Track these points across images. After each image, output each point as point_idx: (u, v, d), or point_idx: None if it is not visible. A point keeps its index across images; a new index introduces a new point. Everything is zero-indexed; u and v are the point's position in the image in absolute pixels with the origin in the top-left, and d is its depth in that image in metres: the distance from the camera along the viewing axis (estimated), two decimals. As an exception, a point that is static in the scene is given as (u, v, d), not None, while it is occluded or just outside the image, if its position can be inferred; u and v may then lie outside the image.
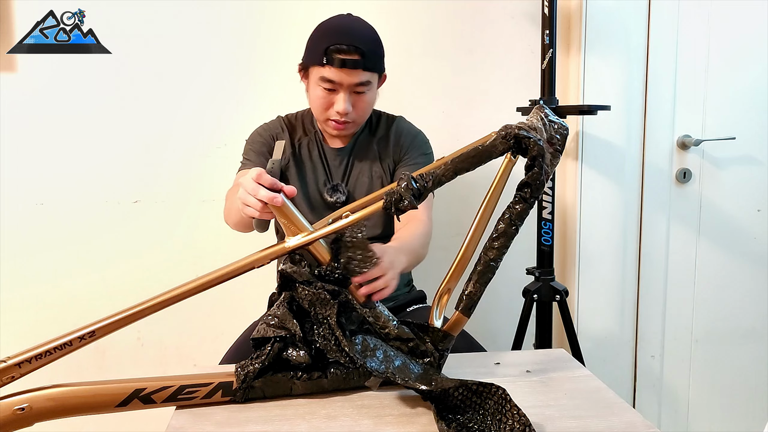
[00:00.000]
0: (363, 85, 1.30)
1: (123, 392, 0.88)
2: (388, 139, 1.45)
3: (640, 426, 0.87)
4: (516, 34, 1.83)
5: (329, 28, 1.30)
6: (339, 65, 1.25)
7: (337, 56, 1.25)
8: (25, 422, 0.84)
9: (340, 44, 1.25)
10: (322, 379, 0.96)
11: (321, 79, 1.28)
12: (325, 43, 1.26)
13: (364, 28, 1.32)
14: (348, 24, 1.31)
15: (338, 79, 1.27)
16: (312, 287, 0.94)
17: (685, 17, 1.86)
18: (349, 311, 0.96)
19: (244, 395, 0.93)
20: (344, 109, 1.29)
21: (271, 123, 1.47)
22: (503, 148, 0.96)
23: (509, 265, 1.82)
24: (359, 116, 1.35)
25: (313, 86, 1.32)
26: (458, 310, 1.00)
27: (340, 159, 1.42)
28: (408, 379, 0.92)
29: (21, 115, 1.68)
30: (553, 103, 1.65)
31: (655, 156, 1.90)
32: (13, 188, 1.70)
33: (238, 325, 1.41)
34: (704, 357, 2.01)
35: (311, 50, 1.31)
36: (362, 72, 1.27)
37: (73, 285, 1.74)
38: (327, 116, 1.33)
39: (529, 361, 1.13)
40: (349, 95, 1.30)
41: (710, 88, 1.90)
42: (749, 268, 1.99)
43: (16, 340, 1.72)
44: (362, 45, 1.26)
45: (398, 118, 1.50)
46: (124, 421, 1.80)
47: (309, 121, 1.46)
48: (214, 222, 1.78)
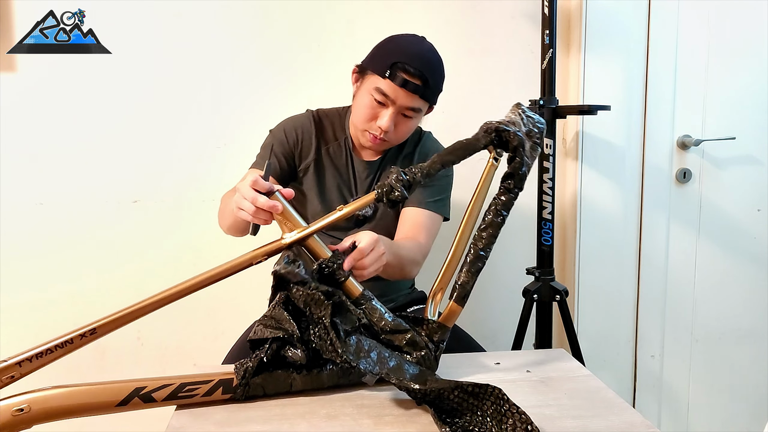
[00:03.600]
0: (413, 110, 1.28)
1: (123, 391, 0.88)
2: (413, 158, 1.42)
3: (640, 426, 0.87)
4: (516, 34, 1.83)
5: (403, 46, 1.27)
6: (400, 84, 1.23)
7: (402, 75, 1.23)
8: (24, 424, 0.83)
9: (409, 65, 1.23)
10: (322, 374, 0.96)
11: (376, 89, 1.25)
12: (395, 58, 1.23)
13: (435, 58, 1.29)
14: (422, 48, 1.28)
15: (393, 95, 1.24)
16: (306, 288, 0.94)
17: (685, 17, 1.86)
18: (344, 312, 0.96)
19: (245, 392, 0.93)
20: (387, 126, 1.26)
21: (299, 118, 1.41)
22: (486, 141, 1.03)
23: (509, 265, 1.83)
24: (397, 138, 1.33)
25: (364, 93, 1.29)
26: (452, 299, 1.02)
27: (368, 172, 1.39)
28: (402, 379, 0.92)
29: (21, 115, 1.68)
30: (553, 103, 1.65)
31: (655, 156, 1.90)
32: (13, 188, 1.70)
33: (238, 325, 1.41)
34: (704, 357, 2.01)
35: (377, 59, 1.28)
36: (419, 99, 1.26)
37: (73, 285, 1.74)
38: (368, 127, 1.29)
39: (529, 361, 1.13)
40: (396, 115, 1.27)
41: (710, 88, 1.90)
42: (749, 268, 1.99)
43: (15, 340, 1.72)
44: (429, 74, 1.24)
45: (426, 135, 1.46)
46: (125, 422, 1.80)
47: (339, 125, 1.41)
48: (214, 222, 1.77)
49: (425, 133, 1.47)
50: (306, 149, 1.37)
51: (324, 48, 1.77)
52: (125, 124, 1.72)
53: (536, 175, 1.69)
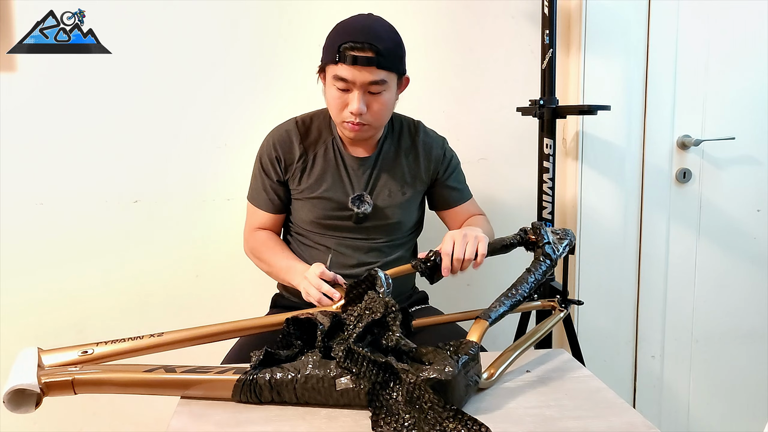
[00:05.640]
0: (377, 84, 1.24)
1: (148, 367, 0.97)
2: (416, 153, 1.41)
3: (640, 426, 0.87)
4: (516, 34, 1.83)
5: (345, 26, 1.27)
6: (351, 62, 1.21)
7: (350, 53, 1.21)
8: (70, 389, 0.93)
9: (353, 41, 1.21)
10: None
11: (335, 77, 1.24)
12: (339, 41, 1.22)
13: (381, 26, 1.28)
14: (364, 22, 1.27)
15: (351, 77, 1.22)
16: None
17: (685, 17, 1.86)
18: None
19: (253, 380, 0.93)
20: (357, 108, 1.24)
21: (283, 132, 1.40)
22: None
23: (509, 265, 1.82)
24: (375, 119, 1.29)
25: (328, 86, 1.28)
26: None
27: (363, 169, 1.38)
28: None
29: (21, 114, 1.68)
30: (553, 103, 1.65)
31: (655, 156, 1.90)
32: (13, 188, 1.69)
33: (238, 325, 1.41)
34: (704, 357, 2.01)
35: (327, 49, 1.28)
36: (376, 70, 1.22)
37: (73, 285, 1.74)
38: (342, 117, 1.28)
39: (529, 361, 1.13)
40: (364, 95, 1.25)
41: (710, 88, 1.90)
42: (749, 268, 1.99)
43: (15, 340, 1.72)
44: (377, 42, 1.21)
45: (420, 127, 1.46)
46: (125, 422, 1.80)
47: (326, 126, 1.40)
48: (214, 222, 1.78)
49: (420, 125, 1.46)
50: (294, 161, 1.37)
51: (324, 48, 1.76)
52: (125, 124, 1.72)
53: (536, 175, 1.69)
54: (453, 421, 0.85)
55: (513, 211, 1.88)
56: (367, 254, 1.38)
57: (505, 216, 1.86)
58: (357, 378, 0.91)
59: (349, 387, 0.91)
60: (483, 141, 1.86)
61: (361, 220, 1.38)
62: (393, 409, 0.88)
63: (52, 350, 1.00)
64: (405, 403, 0.88)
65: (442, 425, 0.85)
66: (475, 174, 1.80)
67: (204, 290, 1.79)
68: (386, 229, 1.40)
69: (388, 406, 0.89)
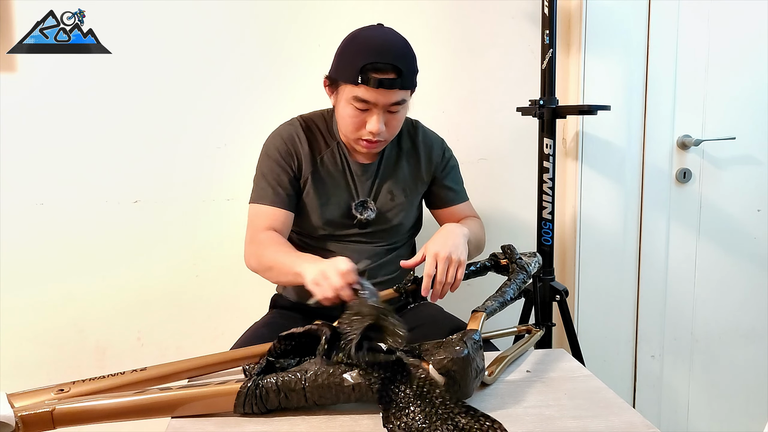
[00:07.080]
0: (398, 104, 1.23)
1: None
2: (417, 155, 1.41)
3: (640, 426, 0.87)
4: (516, 34, 1.83)
5: (365, 45, 1.21)
6: (375, 85, 1.17)
7: (374, 76, 1.16)
8: (50, 424, 0.83)
9: (376, 62, 1.16)
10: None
11: (354, 98, 1.20)
12: (361, 61, 1.17)
13: (400, 43, 1.23)
14: (383, 38, 1.22)
15: (374, 99, 1.19)
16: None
17: (685, 17, 1.86)
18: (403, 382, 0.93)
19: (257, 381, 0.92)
20: (378, 129, 1.22)
21: (287, 132, 1.36)
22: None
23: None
24: (391, 135, 1.29)
25: (343, 105, 1.24)
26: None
27: (367, 176, 1.37)
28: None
29: (21, 115, 1.68)
30: (553, 103, 1.65)
31: (655, 156, 1.90)
32: (13, 188, 1.70)
33: (238, 326, 1.41)
34: (704, 357, 2.01)
35: (344, 66, 1.22)
36: (399, 91, 1.20)
37: (73, 285, 1.74)
38: (359, 135, 1.26)
39: (529, 361, 1.13)
40: (383, 114, 1.23)
41: (710, 88, 1.90)
42: (749, 268, 1.99)
43: (15, 340, 1.72)
44: (399, 63, 1.18)
45: (419, 126, 1.44)
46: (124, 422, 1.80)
47: (327, 130, 1.37)
48: (214, 222, 1.78)
49: (419, 124, 1.46)
50: (303, 162, 1.34)
51: (325, 49, 1.73)
52: (125, 124, 1.72)
53: (536, 175, 1.69)
54: (465, 416, 0.84)
55: (513, 211, 1.88)
56: (369, 257, 1.38)
57: (505, 216, 1.86)
58: (366, 373, 0.90)
59: (359, 381, 0.90)
60: (483, 141, 1.86)
61: (364, 226, 1.38)
62: (403, 404, 0.88)
63: (23, 393, 0.88)
64: (415, 398, 0.88)
65: (454, 420, 0.84)
66: (475, 174, 1.80)
67: (204, 290, 1.79)
68: (388, 232, 1.40)
69: (399, 400, 0.88)
